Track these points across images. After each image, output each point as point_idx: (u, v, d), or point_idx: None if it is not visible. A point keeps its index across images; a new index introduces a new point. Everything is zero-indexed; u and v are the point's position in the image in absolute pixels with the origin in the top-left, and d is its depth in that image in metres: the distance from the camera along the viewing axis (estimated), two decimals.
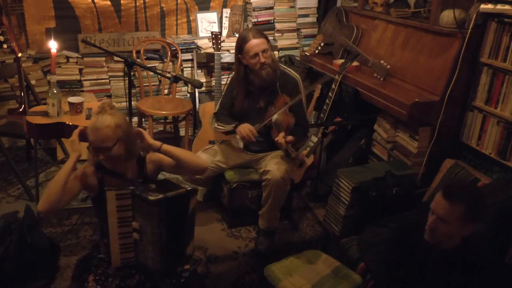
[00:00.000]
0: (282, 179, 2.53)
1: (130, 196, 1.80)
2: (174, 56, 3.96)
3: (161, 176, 2.11)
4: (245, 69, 2.66)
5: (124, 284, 1.83)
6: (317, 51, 3.54)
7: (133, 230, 1.83)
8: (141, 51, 3.79)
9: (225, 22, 4.14)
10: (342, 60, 3.26)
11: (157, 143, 1.93)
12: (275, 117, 2.55)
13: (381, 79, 3.04)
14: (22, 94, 3.20)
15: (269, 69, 2.59)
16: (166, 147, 1.93)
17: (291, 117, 2.56)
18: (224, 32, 4.14)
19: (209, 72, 4.09)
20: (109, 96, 3.94)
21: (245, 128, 2.56)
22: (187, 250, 1.96)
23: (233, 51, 3.94)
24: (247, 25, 4.14)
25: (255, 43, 2.55)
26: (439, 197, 1.64)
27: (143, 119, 3.83)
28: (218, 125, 2.74)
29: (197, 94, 3.90)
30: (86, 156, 1.95)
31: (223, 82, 3.40)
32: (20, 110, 3.17)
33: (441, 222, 1.62)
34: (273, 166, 2.57)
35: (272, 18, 4.14)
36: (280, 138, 2.50)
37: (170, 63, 3.92)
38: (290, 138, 2.52)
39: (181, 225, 1.90)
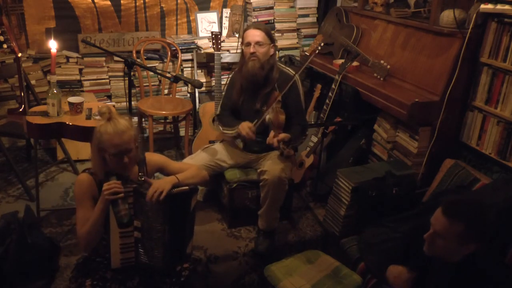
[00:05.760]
0: (278, 178, 2.52)
1: (133, 194, 1.81)
2: (174, 56, 3.96)
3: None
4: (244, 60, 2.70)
5: (124, 287, 1.83)
6: (317, 51, 3.53)
7: (134, 229, 1.84)
8: (141, 51, 3.79)
9: (225, 22, 4.14)
10: (342, 60, 3.26)
11: (173, 180, 1.91)
12: (267, 116, 2.55)
13: (381, 79, 3.04)
14: (22, 94, 3.20)
15: (256, 63, 2.61)
16: (181, 178, 1.94)
17: (281, 113, 2.54)
18: (224, 32, 4.14)
19: (209, 72, 4.09)
20: (109, 96, 3.95)
21: (245, 128, 2.58)
22: (187, 249, 1.97)
23: (233, 51, 3.98)
24: (247, 25, 4.14)
25: (251, 32, 2.64)
26: (438, 212, 1.59)
27: (143, 119, 3.83)
28: (224, 130, 2.78)
29: (197, 94, 3.90)
30: (86, 156, 1.94)
31: (223, 82, 3.40)
32: (20, 110, 3.17)
33: (438, 237, 1.58)
34: (270, 166, 2.57)
35: (272, 18, 4.14)
36: (270, 139, 2.50)
37: (170, 63, 3.92)
38: (282, 135, 2.49)
39: (183, 223, 1.92)
